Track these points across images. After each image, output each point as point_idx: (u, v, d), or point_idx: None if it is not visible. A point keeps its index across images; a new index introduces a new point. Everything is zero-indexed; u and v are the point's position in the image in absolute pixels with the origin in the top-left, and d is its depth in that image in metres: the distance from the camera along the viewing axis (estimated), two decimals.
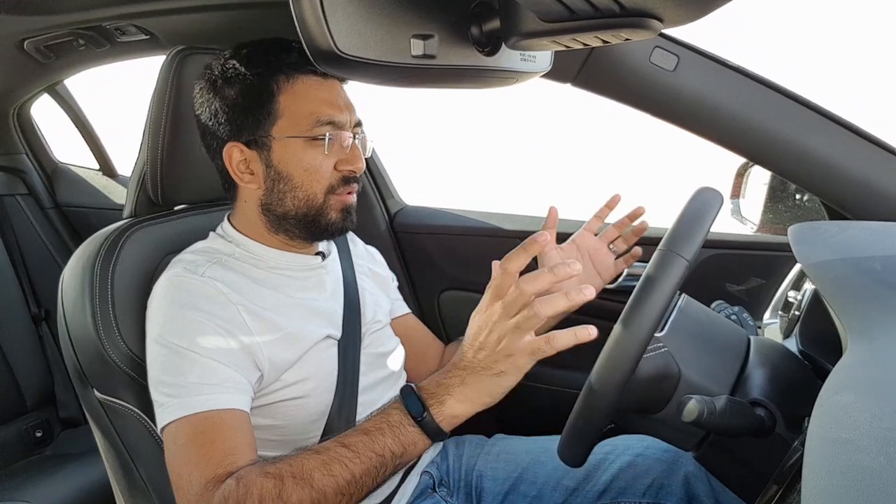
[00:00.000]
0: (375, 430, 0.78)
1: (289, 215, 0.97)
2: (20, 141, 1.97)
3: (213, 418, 0.82)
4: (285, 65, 0.93)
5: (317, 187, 0.95)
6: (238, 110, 0.94)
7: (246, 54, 0.95)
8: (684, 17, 0.51)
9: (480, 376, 0.76)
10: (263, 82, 0.93)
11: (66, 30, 1.31)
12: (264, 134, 0.94)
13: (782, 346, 0.87)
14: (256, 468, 0.78)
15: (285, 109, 0.93)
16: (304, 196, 0.95)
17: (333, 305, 1.04)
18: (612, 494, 1.02)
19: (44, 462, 1.72)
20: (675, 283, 0.71)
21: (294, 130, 0.93)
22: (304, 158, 0.94)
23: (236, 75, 0.94)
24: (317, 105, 0.94)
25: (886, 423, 0.47)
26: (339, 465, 0.76)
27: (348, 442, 0.78)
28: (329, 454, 0.77)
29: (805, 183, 0.98)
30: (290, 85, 0.94)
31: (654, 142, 5.95)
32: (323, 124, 0.94)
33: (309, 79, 0.95)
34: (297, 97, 0.94)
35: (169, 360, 0.86)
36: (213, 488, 0.77)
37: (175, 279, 0.91)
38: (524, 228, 1.46)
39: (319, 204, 0.96)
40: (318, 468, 0.76)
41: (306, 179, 0.95)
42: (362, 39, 0.56)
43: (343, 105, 0.97)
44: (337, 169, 0.96)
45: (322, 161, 0.94)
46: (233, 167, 0.96)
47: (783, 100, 0.95)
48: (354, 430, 0.79)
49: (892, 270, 0.71)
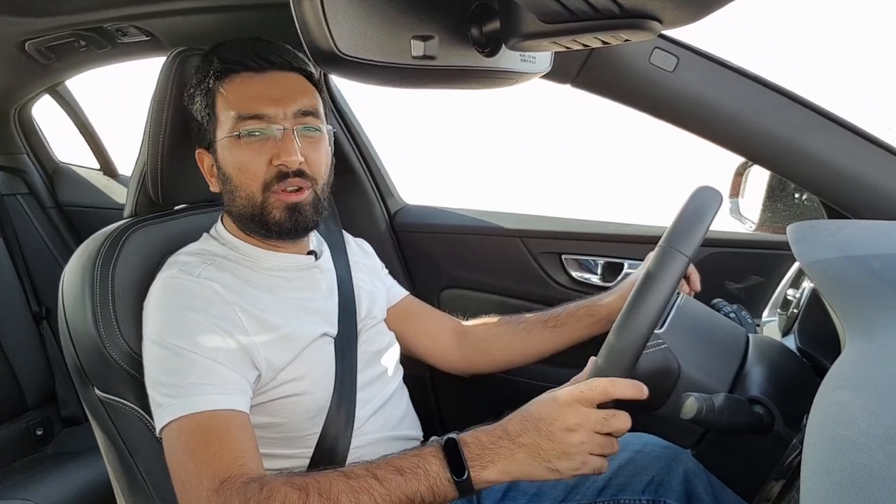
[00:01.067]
0: (411, 472, 0.75)
1: (242, 216, 0.97)
2: (21, 141, 1.97)
3: (217, 418, 0.82)
4: (217, 66, 0.95)
5: (252, 186, 0.94)
6: (196, 118, 0.98)
7: (198, 64, 0.98)
8: (683, 18, 0.52)
9: (534, 461, 0.72)
10: (207, 87, 0.95)
11: (68, 31, 1.31)
12: (213, 138, 0.96)
13: (781, 344, 0.87)
14: (283, 477, 0.77)
15: (220, 111, 0.95)
16: (245, 195, 0.95)
17: (328, 304, 1.04)
18: (612, 491, 1.02)
19: (44, 460, 1.73)
20: (675, 280, 0.72)
21: (225, 131, 0.94)
22: (236, 157, 0.94)
23: (193, 85, 0.98)
24: (241, 101, 0.93)
25: (884, 421, 0.47)
26: (367, 496, 0.73)
27: (381, 476, 0.75)
28: (359, 483, 0.74)
29: (804, 182, 0.98)
30: (223, 85, 0.95)
31: (653, 142, 5.95)
32: (245, 119, 0.92)
33: (240, 76, 0.94)
34: (226, 97, 0.94)
35: (168, 360, 0.86)
36: (229, 489, 0.76)
37: (171, 280, 0.91)
38: (524, 227, 1.46)
39: (259, 203, 0.94)
40: (346, 493, 0.74)
41: (242, 179, 0.94)
42: (363, 40, 0.56)
43: (276, 97, 0.93)
44: (272, 164, 0.93)
45: (252, 158, 0.93)
46: (205, 171, 1.00)
47: (782, 100, 0.95)
48: (388, 464, 0.76)
49: (891, 268, 0.71)
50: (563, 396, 0.73)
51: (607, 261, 1.41)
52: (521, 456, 0.73)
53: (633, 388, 0.71)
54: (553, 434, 0.71)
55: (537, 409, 0.74)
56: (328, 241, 1.14)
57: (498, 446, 0.74)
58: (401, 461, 0.76)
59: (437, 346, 1.21)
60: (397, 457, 0.77)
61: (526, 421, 0.74)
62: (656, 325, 0.72)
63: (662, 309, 0.71)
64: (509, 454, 0.73)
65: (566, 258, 1.43)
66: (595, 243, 1.41)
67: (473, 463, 0.74)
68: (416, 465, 0.75)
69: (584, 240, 1.42)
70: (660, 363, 0.76)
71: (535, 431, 0.72)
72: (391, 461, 0.77)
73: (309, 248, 1.07)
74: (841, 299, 0.69)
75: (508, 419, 0.76)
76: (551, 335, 1.12)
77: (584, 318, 1.09)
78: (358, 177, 1.55)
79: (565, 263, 1.44)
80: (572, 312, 1.11)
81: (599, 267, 1.43)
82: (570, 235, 1.43)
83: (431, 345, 1.21)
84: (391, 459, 0.77)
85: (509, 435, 0.74)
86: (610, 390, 0.71)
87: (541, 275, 1.44)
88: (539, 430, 0.72)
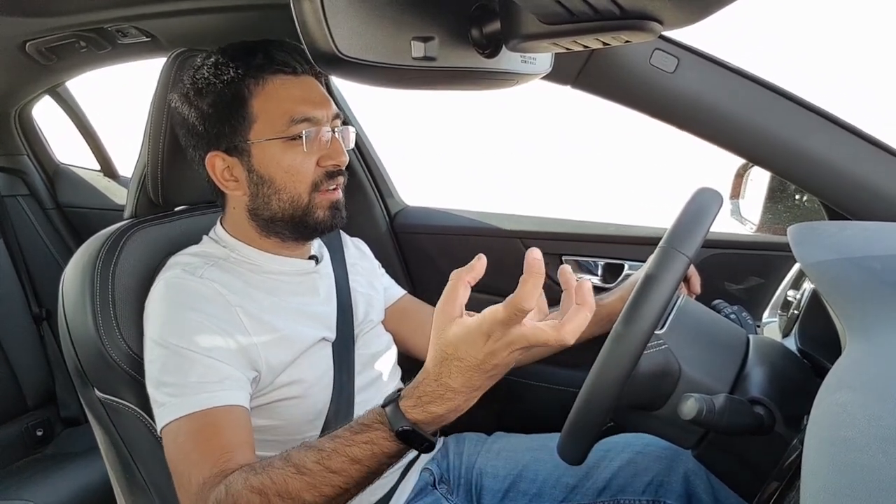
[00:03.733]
0: (368, 458, 0.71)
1: (276, 218, 0.96)
2: (21, 142, 1.97)
3: (214, 415, 0.82)
4: (252, 68, 0.93)
5: (300, 187, 0.94)
6: (213, 120, 0.94)
7: (213, 63, 0.94)
8: (684, 19, 0.52)
9: (474, 391, 0.68)
10: (234, 89, 0.93)
11: (68, 32, 1.31)
12: (242, 140, 0.93)
13: (781, 345, 0.87)
14: (241, 478, 0.75)
15: (260, 112, 0.93)
16: (289, 197, 0.95)
17: (327, 309, 1.04)
18: (612, 492, 1.02)
19: (44, 461, 1.73)
20: (675, 280, 0.72)
21: (270, 133, 0.93)
22: (283, 159, 0.93)
23: (206, 86, 0.93)
24: (290, 104, 0.93)
25: (885, 422, 0.47)
26: (328, 488, 0.71)
27: (337, 468, 0.71)
28: (316, 478, 0.71)
29: (804, 183, 0.98)
30: (260, 87, 0.93)
31: (653, 143, 5.95)
32: (298, 122, 0.93)
33: (279, 78, 0.94)
34: (270, 98, 0.93)
35: (169, 360, 0.86)
36: (209, 488, 0.77)
37: (173, 280, 0.91)
38: (524, 229, 1.46)
39: (305, 203, 0.95)
40: (306, 490, 0.71)
41: (289, 180, 0.94)
42: (363, 41, 0.56)
43: (318, 100, 0.95)
44: (319, 165, 0.95)
45: (303, 160, 0.94)
46: (217, 176, 0.96)
47: (782, 101, 0.95)
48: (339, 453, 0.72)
49: (891, 270, 0.71)
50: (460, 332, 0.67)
51: (608, 262, 1.41)
52: (462, 398, 0.68)
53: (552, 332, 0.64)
54: (480, 363, 0.66)
55: (457, 356, 0.67)
56: (327, 244, 1.14)
57: (448, 407, 0.68)
58: (354, 450, 0.71)
59: None
60: (348, 441, 0.72)
61: (454, 361, 0.67)
62: (657, 326, 0.72)
63: (663, 309, 0.71)
64: (458, 404, 0.68)
65: (566, 259, 1.43)
66: (595, 244, 1.41)
67: (430, 428, 0.70)
68: (372, 453, 0.71)
69: (585, 241, 1.42)
70: (660, 364, 0.76)
71: (470, 375, 0.67)
72: (344, 449, 0.72)
73: (311, 253, 1.07)
74: (841, 301, 0.69)
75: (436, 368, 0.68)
76: None
77: None
78: (358, 178, 1.55)
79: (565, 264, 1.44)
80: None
81: (600, 268, 1.43)
82: (571, 236, 1.43)
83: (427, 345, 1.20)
84: (342, 447, 0.72)
85: (452, 389, 0.68)
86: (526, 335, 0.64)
87: None
88: (471, 367, 0.66)
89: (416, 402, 0.69)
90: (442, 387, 0.68)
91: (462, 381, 0.67)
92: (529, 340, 0.64)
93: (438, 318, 0.69)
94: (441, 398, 0.68)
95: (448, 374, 0.68)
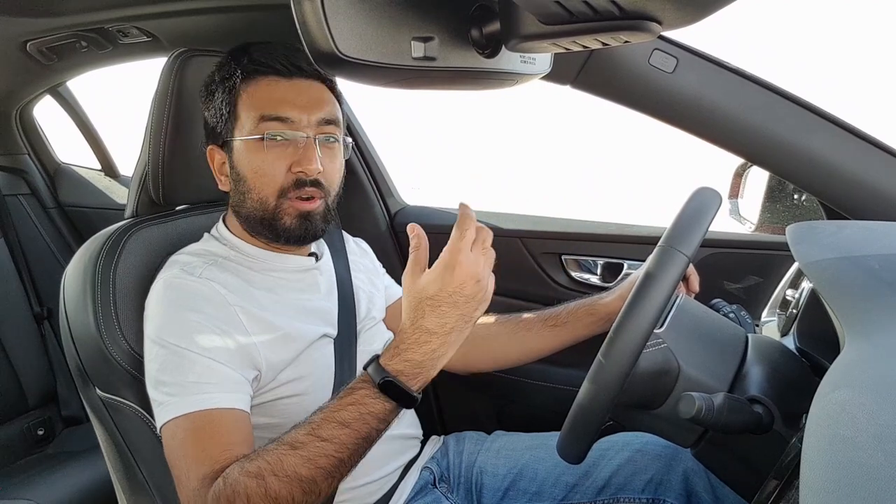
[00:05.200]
0: (357, 421, 0.75)
1: (250, 218, 0.97)
2: (23, 142, 1.97)
3: (213, 416, 0.83)
4: (243, 66, 0.95)
5: (267, 190, 0.94)
6: (213, 115, 0.97)
7: (220, 61, 0.99)
8: (683, 19, 0.52)
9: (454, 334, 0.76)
10: (229, 87, 0.95)
11: (69, 32, 1.32)
12: (229, 136, 0.96)
13: (780, 344, 0.88)
14: (237, 467, 0.77)
15: (241, 111, 0.95)
16: (257, 198, 0.94)
17: (328, 306, 1.04)
18: (612, 490, 1.02)
19: (46, 460, 1.73)
20: (675, 279, 0.72)
21: (244, 131, 0.94)
22: (254, 160, 0.93)
23: (211, 83, 0.98)
24: (266, 104, 0.93)
25: (884, 420, 0.47)
26: (324, 459, 0.74)
27: (328, 435, 0.74)
28: (309, 449, 0.74)
29: (803, 183, 0.98)
30: (247, 86, 0.95)
31: (652, 143, 5.95)
32: (268, 120, 0.92)
33: (267, 79, 0.95)
34: (251, 97, 0.94)
35: (168, 359, 0.86)
36: (208, 485, 0.77)
37: (172, 280, 0.92)
38: (524, 228, 1.46)
39: (272, 208, 0.94)
40: (302, 464, 0.73)
41: (257, 181, 0.94)
42: (363, 41, 0.56)
43: (302, 103, 0.94)
44: (291, 171, 0.94)
45: (271, 162, 0.93)
46: (215, 168, 1.00)
47: (781, 101, 0.95)
48: (329, 420, 0.75)
49: (890, 269, 0.71)
50: (429, 275, 0.76)
51: (607, 261, 1.41)
52: (438, 340, 0.75)
53: None
54: (449, 295, 0.74)
55: (427, 295, 0.75)
56: (328, 243, 1.14)
57: (425, 352, 0.75)
58: (342, 413, 0.75)
59: None
60: (335, 407, 0.76)
61: (426, 301, 0.75)
62: (656, 325, 0.72)
63: (662, 308, 0.71)
64: (434, 347, 0.75)
65: (566, 258, 1.44)
66: (595, 244, 1.41)
67: (411, 382, 0.75)
68: (359, 413, 0.75)
69: (584, 240, 1.42)
70: (659, 363, 0.76)
71: (442, 311, 0.75)
72: (332, 415, 0.75)
73: (310, 250, 1.07)
74: (840, 300, 0.69)
75: (410, 315, 0.76)
76: (551, 334, 1.12)
77: (583, 317, 1.10)
78: (358, 177, 1.56)
79: (565, 264, 1.44)
80: (572, 312, 1.11)
81: (599, 267, 1.43)
82: (570, 236, 1.43)
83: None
84: (330, 413, 0.76)
85: (427, 331, 0.75)
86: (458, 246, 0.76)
87: (541, 275, 1.44)
88: (442, 302, 0.75)
89: (394, 352, 0.76)
90: (417, 330, 0.75)
91: (435, 320, 0.74)
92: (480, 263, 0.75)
93: (408, 277, 0.78)
94: (416, 342, 0.75)
95: (422, 316, 0.75)
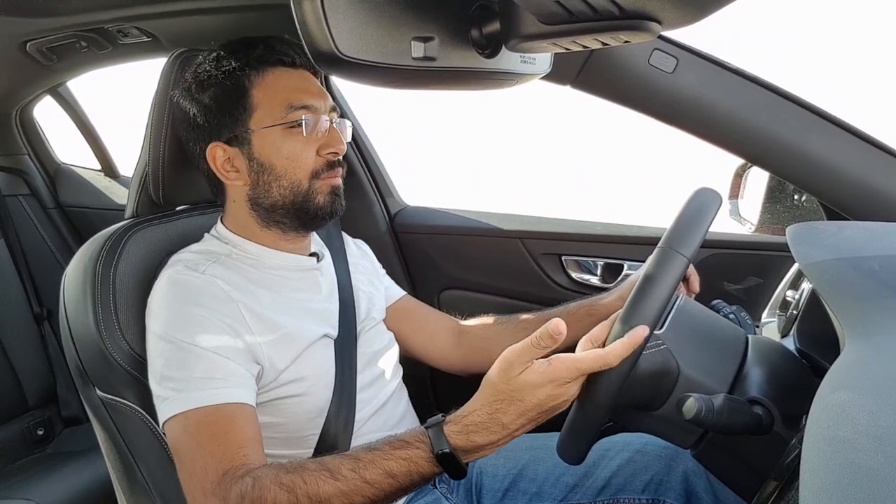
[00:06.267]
0: (404, 476, 0.75)
1: (277, 206, 0.97)
2: (23, 142, 1.97)
3: (224, 411, 0.83)
4: (253, 59, 0.95)
5: (300, 174, 0.96)
6: (214, 111, 0.96)
7: (215, 57, 0.97)
8: (683, 19, 0.52)
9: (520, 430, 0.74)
10: (234, 80, 0.95)
11: (69, 32, 1.31)
12: (243, 129, 0.96)
13: (780, 345, 0.87)
14: (271, 473, 0.77)
15: (260, 102, 0.95)
16: (289, 184, 0.96)
17: (329, 306, 1.04)
18: (612, 491, 1.02)
19: (45, 460, 1.73)
20: (674, 280, 0.72)
21: (270, 120, 0.95)
22: (283, 146, 0.95)
23: (208, 79, 0.96)
24: (289, 92, 0.95)
25: (884, 421, 0.47)
26: (359, 497, 0.75)
27: (371, 479, 0.75)
28: (349, 485, 0.75)
29: (803, 183, 0.98)
30: (260, 78, 0.96)
31: (652, 143, 5.95)
32: (297, 109, 0.95)
33: (278, 70, 0.97)
34: (269, 88, 0.95)
35: (173, 355, 0.86)
36: (230, 480, 0.78)
37: (177, 277, 0.92)
38: (524, 229, 1.46)
39: (305, 190, 0.96)
40: (337, 496, 0.74)
41: (289, 167, 0.96)
42: (363, 41, 0.57)
43: (315, 91, 0.98)
44: (319, 154, 0.97)
45: (302, 147, 0.95)
46: (217, 167, 0.98)
47: (781, 101, 0.95)
48: (376, 465, 0.75)
49: (890, 270, 0.71)
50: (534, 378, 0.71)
51: (607, 262, 1.41)
52: (506, 434, 0.73)
53: (598, 359, 0.69)
54: (538, 403, 0.71)
55: (519, 397, 0.72)
56: (328, 244, 1.14)
57: (490, 441, 0.74)
58: (391, 464, 0.75)
59: (436, 346, 1.21)
60: (385, 454, 0.76)
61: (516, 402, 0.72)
62: (656, 326, 0.72)
63: (662, 309, 0.71)
64: (498, 439, 0.74)
65: (566, 259, 1.43)
66: (595, 244, 1.41)
67: (466, 458, 0.75)
68: (408, 470, 0.75)
69: (584, 241, 1.42)
70: (659, 364, 0.76)
71: (527, 416, 0.72)
72: (381, 461, 0.75)
73: (311, 250, 1.07)
74: (840, 301, 0.69)
75: (492, 404, 0.73)
76: None
77: (583, 317, 1.10)
78: (358, 177, 1.55)
79: (565, 264, 1.44)
80: (572, 312, 1.11)
81: (599, 268, 1.43)
82: (570, 237, 1.43)
83: (429, 344, 1.21)
84: (380, 459, 0.75)
85: (502, 425, 0.73)
86: (579, 367, 0.70)
87: (541, 276, 1.44)
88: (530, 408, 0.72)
89: (462, 429, 0.74)
90: (493, 421, 0.73)
91: (515, 419, 0.72)
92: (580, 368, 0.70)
93: (510, 359, 0.73)
94: (486, 430, 0.73)
95: (504, 412, 0.72)
